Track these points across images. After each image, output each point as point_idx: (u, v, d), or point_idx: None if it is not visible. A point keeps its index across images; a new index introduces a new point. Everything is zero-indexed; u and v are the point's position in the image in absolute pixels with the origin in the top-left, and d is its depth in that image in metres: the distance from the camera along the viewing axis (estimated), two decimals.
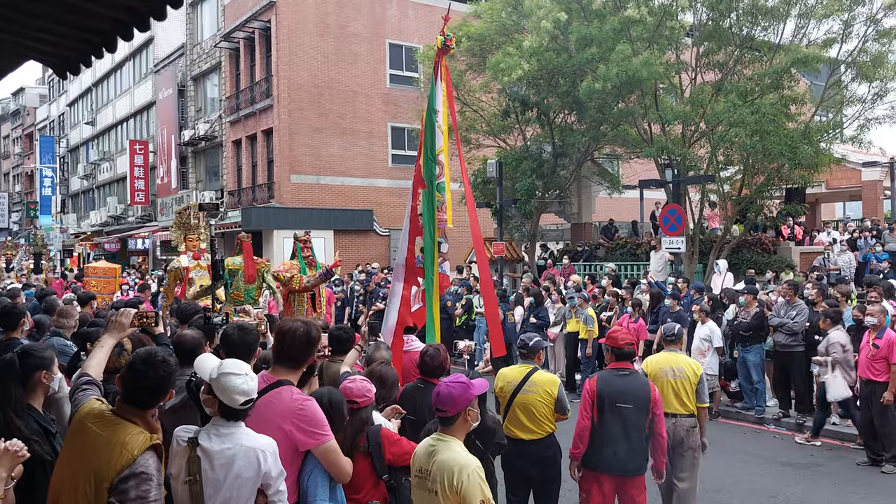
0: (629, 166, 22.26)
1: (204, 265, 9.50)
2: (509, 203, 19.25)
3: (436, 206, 6.09)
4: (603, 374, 5.19)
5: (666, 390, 5.69)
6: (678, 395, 5.75)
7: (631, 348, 5.16)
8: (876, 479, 7.78)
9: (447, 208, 6.19)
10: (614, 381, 4.99)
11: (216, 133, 29.25)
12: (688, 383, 5.76)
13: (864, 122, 16.09)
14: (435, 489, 3.25)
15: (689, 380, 5.77)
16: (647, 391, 4.97)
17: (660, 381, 5.67)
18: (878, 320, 8.12)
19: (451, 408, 3.33)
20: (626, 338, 5.17)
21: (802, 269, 16.09)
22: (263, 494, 3.07)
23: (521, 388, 5.16)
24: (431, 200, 6.08)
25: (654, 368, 5.85)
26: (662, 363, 5.90)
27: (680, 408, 5.75)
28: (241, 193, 27.36)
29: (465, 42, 19.15)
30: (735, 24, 16.21)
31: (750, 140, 14.52)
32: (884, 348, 7.91)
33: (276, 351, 3.53)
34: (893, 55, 15.26)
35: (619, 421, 4.86)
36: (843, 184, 21.70)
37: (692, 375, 5.80)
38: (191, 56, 31.25)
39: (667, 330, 6.27)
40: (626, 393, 4.92)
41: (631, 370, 5.09)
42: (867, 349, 8.10)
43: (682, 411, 5.75)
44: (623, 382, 4.98)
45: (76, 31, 4.60)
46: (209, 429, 3.09)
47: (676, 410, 5.72)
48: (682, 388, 5.75)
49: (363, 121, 26.02)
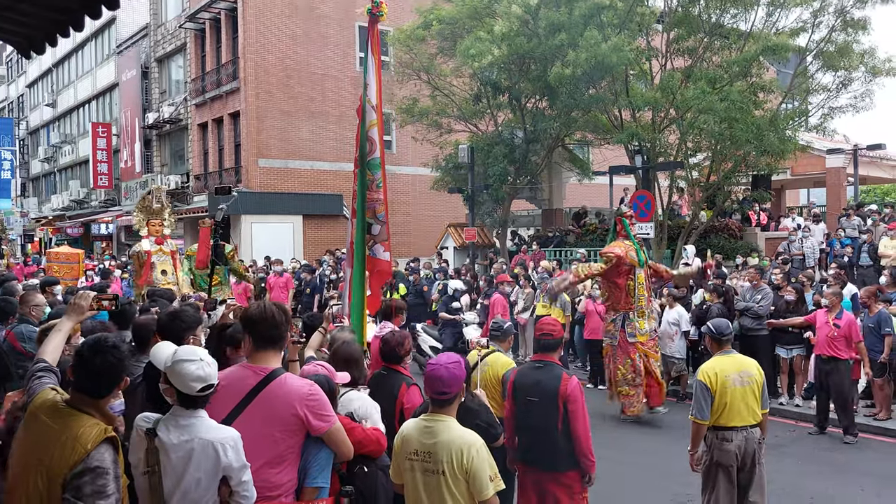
0: (599, 152, 22.34)
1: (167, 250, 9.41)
2: (481, 189, 19.20)
3: (367, 186, 5.72)
4: (522, 366, 4.95)
5: (734, 400, 4.99)
6: (748, 404, 5.02)
7: (549, 339, 4.73)
8: (836, 458, 7.96)
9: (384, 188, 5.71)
10: (528, 374, 4.72)
11: (181, 116, 28.69)
12: (756, 387, 5.06)
13: (828, 110, 16.36)
14: (440, 469, 3.29)
15: (756, 383, 5.07)
16: (557, 384, 4.49)
17: (728, 392, 4.99)
18: (832, 302, 8.80)
19: (455, 387, 3.39)
20: (545, 328, 4.78)
21: (767, 254, 16.35)
22: (227, 485, 3.00)
23: (476, 366, 5.16)
24: (363, 179, 5.76)
25: (720, 378, 5.02)
26: (728, 369, 5.06)
27: (750, 418, 5.03)
28: (207, 178, 26.91)
29: (436, 25, 18.97)
30: (705, 11, 16.29)
31: (718, 127, 14.64)
32: (844, 328, 8.58)
33: (254, 337, 3.41)
34: (859, 46, 15.47)
35: (530, 414, 4.60)
36: (807, 171, 22.03)
37: (759, 378, 5.11)
38: (154, 37, 30.53)
39: (719, 327, 5.29)
40: (536, 386, 4.60)
41: (548, 362, 4.68)
42: (825, 329, 8.70)
43: (752, 421, 5.04)
44: (535, 375, 4.66)
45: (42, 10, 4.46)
46: (168, 419, 3.01)
47: (746, 422, 5.01)
48: (753, 394, 5.04)
49: (333, 104, 25.72)
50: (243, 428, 3.09)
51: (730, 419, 5.01)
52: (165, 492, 2.97)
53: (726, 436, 5.03)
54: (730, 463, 5.03)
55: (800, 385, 10.02)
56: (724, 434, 5.04)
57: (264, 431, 3.19)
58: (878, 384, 9.21)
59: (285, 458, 3.24)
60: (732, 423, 5.01)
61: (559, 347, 4.86)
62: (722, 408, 5.02)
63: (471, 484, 3.29)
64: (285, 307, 3.55)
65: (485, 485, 3.29)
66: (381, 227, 5.74)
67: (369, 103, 5.80)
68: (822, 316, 8.90)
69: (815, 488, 7.05)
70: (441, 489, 3.31)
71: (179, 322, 4.12)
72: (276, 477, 3.21)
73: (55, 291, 9.27)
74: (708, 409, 5.03)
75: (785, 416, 9.63)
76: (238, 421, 3.16)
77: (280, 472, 3.23)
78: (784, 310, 9.92)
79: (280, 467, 3.23)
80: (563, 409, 4.48)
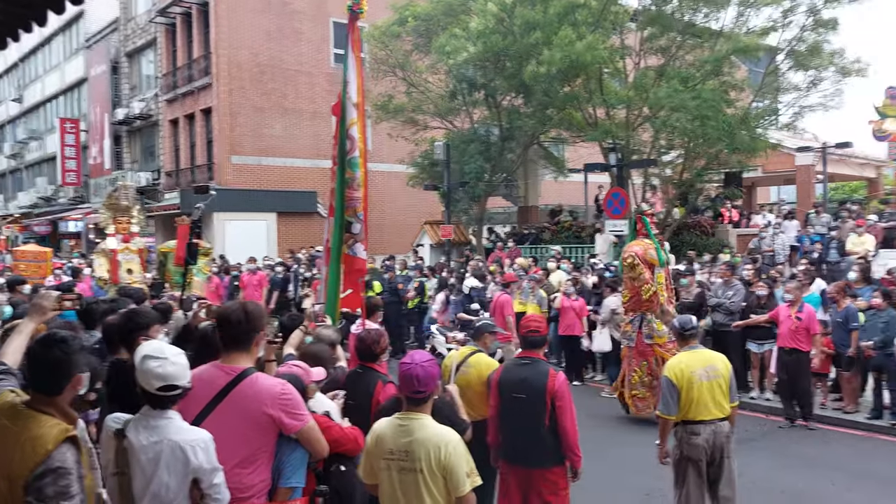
0: (574, 150, 22.46)
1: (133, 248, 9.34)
2: (457, 186, 19.19)
3: (346, 184, 5.67)
4: (507, 364, 4.94)
5: (702, 395, 5.06)
6: (714, 398, 5.09)
7: (535, 336, 4.76)
8: (806, 452, 8.08)
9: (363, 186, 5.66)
10: (514, 371, 4.72)
11: (152, 112, 28.29)
12: (723, 381, 5.12)
13: (798, 109, 16.63)
14: (418, 467, 3.27)
15: (723, 377, 5.13)
16: (545, 381, 4.52)
17: (695, 387, 5.05)
18: (795, 297, 9.17)
19: (431, 385, 3.37)
20: (530, 325, 4.81)
21: (739, 251, 16.56)
22: (199, 487, 2.95)
23: (460, 368, 5.18)
24: (342, 177, 5.72)
25: (686, 374, 5.09)
26: (692, 365, 5.13)
27: (717, 412, 5.09)
28: (179, 175, 26.56)
29: (412, 22, 18.93)
30: (677, 10, 16.44)
31: (691, 125, 14.80)
32: (805, 321, 8.96)
33: (222, 338, 3.38)
34: (829, 45, 15.73)
35: (516, 411, 4.61)
36: (778, 168, 22.34)
37: (726, 372, 5.16)
38: (124, 31, 30.05)
39: (684, 323, 5.36)
40: (523, 382, 4.60)
41: (534, 359, 4.70)
42: (789, 322, 9.02)
43: (720, 415, 5.10)
44: (521, 372, 4.67)
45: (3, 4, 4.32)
46: (139, 420, 2.96)
47: (714, 416, 5.08)
48: (719, 388, 5.10)
49: (307, 100, 25.51)
50: (214, 428, 3.05)
51: (697, 413, 5.09)
52: (135, 494, 2.91)
53: (694, 430, 5.11)
54: (698, 457, 5.11)
55: (770, 379, 10.17)
56: (693, 428, 5.12)
57: (235, 432, 3.15)
58: (846, 378, 9.39)
59: (257, 459, 3.20)
60: (700, 417, 5.09)
61: (545, 344, 4.91)
62: (689, 403, 5.09)
63: (448, 480, 3.28)
64: (256, 306, 3.50)
65: (461, 480, 3.28)
66: (360, 225, 5.72)
67: (350, 101, 5.77)
68: (784, 310, 9.19)
69: (785, 482, 7.14)
70: (419, 487, 3.30)
71: (132, 322, 4.10)
72: (248, 478, 3.17)
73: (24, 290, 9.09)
74: (675, 405, 5.11)
75: (756, 410, 9.75)
76: (208, 421, 3.12)
77: (252, 472, 3.18)
78: (755, 305, 10.05)
79: (252, 468, 3.19)
80: (551, 406, 4.52)
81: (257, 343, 3.47)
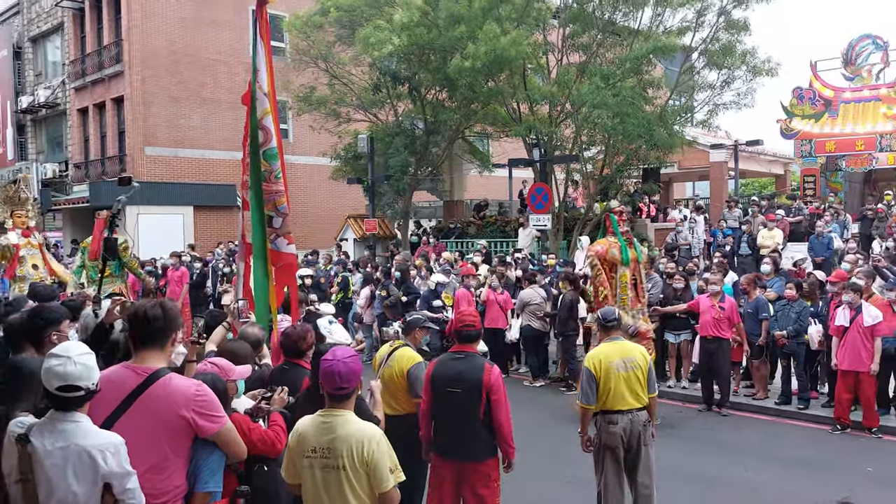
0: (499, 145, 22.65)
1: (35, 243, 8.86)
2: (381, 179, 19.02)
3: (263, 177, 5.48)
4: (441, 358, 4.92)
5: (618, 385, 5.19)
6: (632, 389, 5.22)
7: (469, 330, 4.77)
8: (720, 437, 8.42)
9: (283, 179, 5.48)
10: (448, 365, 4.73)
11: (59, 100, 26.86)
12: (640, 373, 5.25)
13: (713, 107, 17.29)
14: (341, 465, 3.21)
15: (640, 368, 5.26)
16: (480, 375, 4.56)
17: (612, 378, 5.18)
18: (718, 287, 9.59)
19: (353, 381, 3.31)
20: (466, 320, 4.82)
21: (657, 244, 17.10)
22: (111, 493, 2.80)
23: (386, 362, 5.23)
24: (256, 170, 5.53)
25: (604, 364, 5.22)
26: (611, 356, 5.27)
27: (634, 402, 5.22)
28: (88, 166, 25.32)
29: (334, 12, 18.62)
30: (598, 8, 16.78)
31: (611, 122, 15.15)
32: (728, 311, 9.38)
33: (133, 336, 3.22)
34: (742, 45, 16.39)
35: (451, 405, 4.62)
36: (693, 164, 23.23)
37: (643, 363, 5.29)
38: (28, 14, 28.40)
39: (605, 315, 5.51)
40: (458, 376, 4.62)
41: (469, 353, 4.73)
42: (711, 311, 9.38)
43: (637, 405, 5.23)
44: (456, 366, 4.68)
45: None
46: (44, 424, 2.81)
47: (631, 405, 5.21)
48: (636, 378, 5.24)
49: (226, 91, 24.71)
50: (124, 431, 2.90)
51: (615, 403, 5.24)
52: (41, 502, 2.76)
53: (612, 419, 5.26)
54: (615, 445, 5.26)
55: (686, 368, 10.54)
56: (610, 417, 5.27)
57: (147, 435, 3.00)
58: (756, 365, 9.84)
59: (171, 463, 3.07)
60: (617, 406, 5.24)
61: (479, 338, 4.94)
62: (607, 393, 5.24)
63: (371, 477, 3.23)
64: (174, 304, 3.38)
65: (385, 477, 3.23)
66: (282, 219, 5.54)
67: (261, 90, 5.56)
68: (705, 301, 9.54)
69: (701, 467, 7.41)
70: (342, 485, 3.23)
71: (38, 319, 3.89)
72: (162, 483, 3.03)
73: None
74: (593, 395, 5.25)
75: (673, 398, 10.08)
76: (118, 425, 2.96)
77: (166, 477, 3.05)
78: (672, 297, 10.41)
79: (166, 472, 3.05)
80: (486, 399, 4.56)
81: (173, 342, 3.33)
